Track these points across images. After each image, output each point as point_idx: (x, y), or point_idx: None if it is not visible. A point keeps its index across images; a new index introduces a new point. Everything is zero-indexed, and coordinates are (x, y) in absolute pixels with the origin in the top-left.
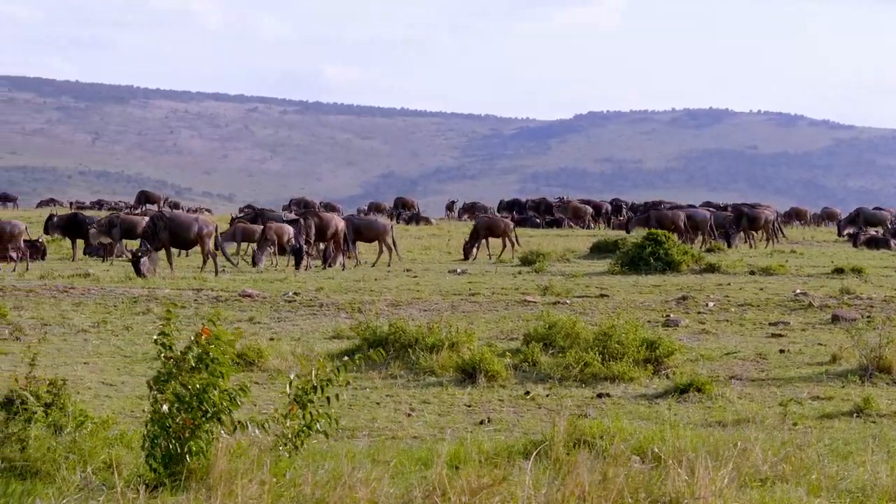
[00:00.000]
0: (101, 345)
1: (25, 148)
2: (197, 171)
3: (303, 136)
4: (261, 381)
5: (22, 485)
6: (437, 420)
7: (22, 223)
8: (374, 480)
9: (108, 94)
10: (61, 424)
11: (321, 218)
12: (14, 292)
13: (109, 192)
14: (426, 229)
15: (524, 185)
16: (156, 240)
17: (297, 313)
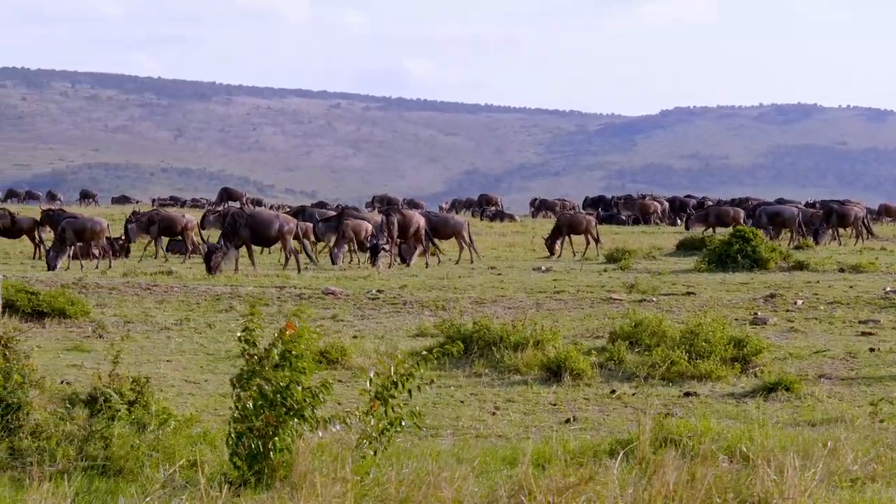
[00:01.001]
0: (183, 342)
1: (108, 145)
2: (279, 168)
3: (386, 132)
4: (344, 380)
5: (105, 483)
6: (522, 419)
7: (104, 221)
8: (458, 479)
9: (190, 91)
10: (144, 422)
11: (404, 215)
12: (97, 290)
13: (192, 190)
14: (510, 226)
15: (609, 181)
16: (235, 237)
17: (380, 311)
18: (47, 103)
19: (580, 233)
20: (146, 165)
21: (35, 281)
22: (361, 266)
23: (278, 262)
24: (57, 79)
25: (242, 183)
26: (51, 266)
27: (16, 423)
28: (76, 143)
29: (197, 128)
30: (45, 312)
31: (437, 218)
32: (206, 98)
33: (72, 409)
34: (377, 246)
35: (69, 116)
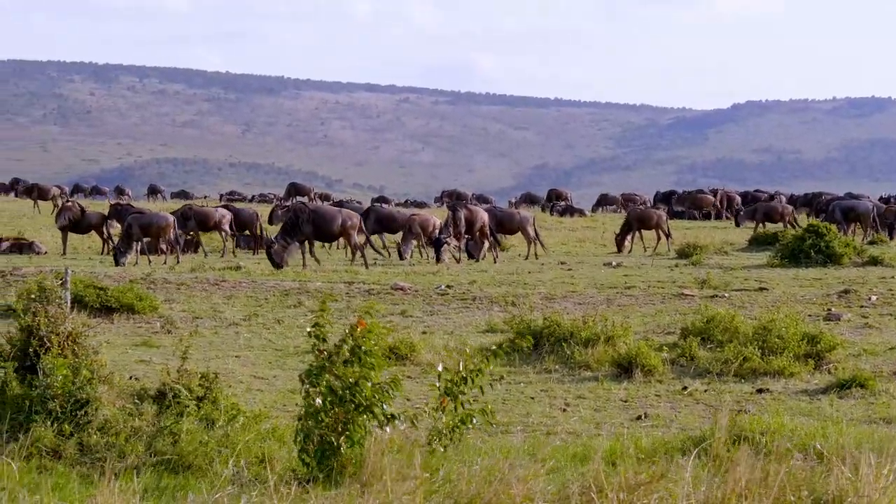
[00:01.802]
0: (252, 338)
1: (176, 140)
2: (347, 163)
3: (454, 126)
4: (413, 376)
5: (174, 479)
6: (593, 415)
7: (171, 216)
8: (529, 477)
9: (258, 86)
10: (213, 418)
11: (469, 210)
12: (165, 285)
13: (259, 185)
14: (580, 221)
15: (680, 176)
16: (297, 232)
17: (449, 307)
18: (115, 98)
19: (650, 228)
20: (214, 160)
21: (103, 276)
22: (430, 262)
23: (346, 257)
24: (125, 73)
25: (310, 178)
26: (117, 262)
27: (84, 418)
28: (144, 138)
29: (265, 122)
30: (114, 308)
31: (502, 213)
32: (275, 92)
33: (140, 404)
34: (440, 241)
35: (137, 111)
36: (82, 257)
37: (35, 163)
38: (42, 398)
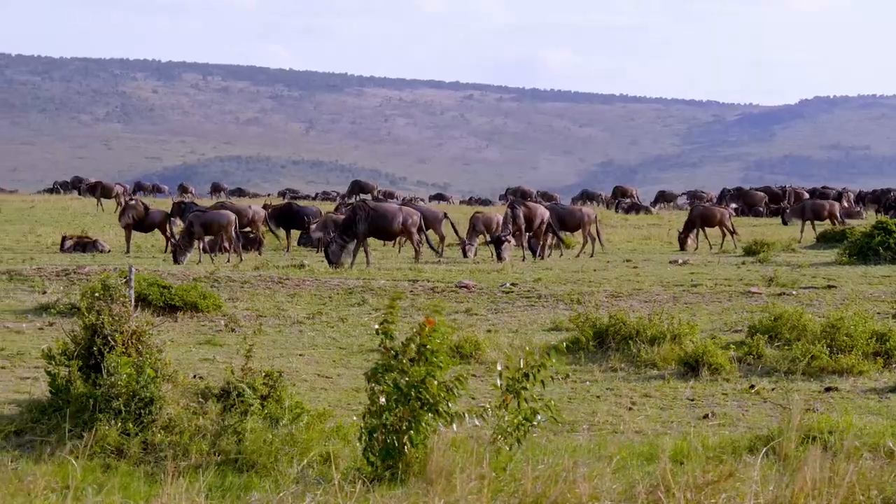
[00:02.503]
0: (316, 336)
1: (239, 137)
2: (411, 160)
3: (519, 123)
4: (478, 374)
5: (238, 478)
6: (660, 414)
7: (232, 214)
8: (595, 475)
9: (322, 82)
10: (277, 417)
11: (528, 207)
12: (229, 284)
13: (323, 182)
14: (646, 219)
15: (747, 173)
16: (353, 230)
17: (514, 305)
18: (179, 96)
19: (714, 225)
20: (277, 158)
21: (167, 274)
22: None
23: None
24: (188, 71)
25: (374, 175)
26: (177, 260)
27: (149, 417)
28: (207, 135)
29: (328, 120)
30: (178, 306)
31: (563, 210)
32: (338, 89)
33: (204, 403)
34: (500, 239)
35: (200, 109)
36: (146, 255)
37: (98, 161)
38: (106, 397)
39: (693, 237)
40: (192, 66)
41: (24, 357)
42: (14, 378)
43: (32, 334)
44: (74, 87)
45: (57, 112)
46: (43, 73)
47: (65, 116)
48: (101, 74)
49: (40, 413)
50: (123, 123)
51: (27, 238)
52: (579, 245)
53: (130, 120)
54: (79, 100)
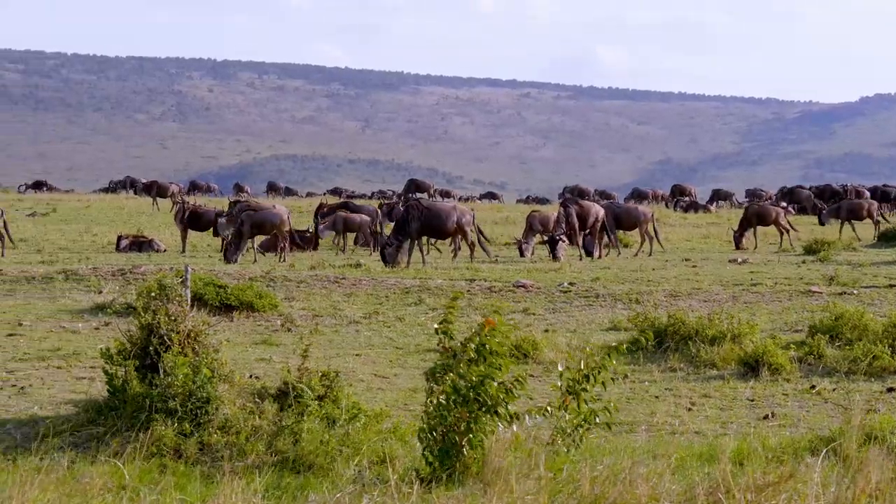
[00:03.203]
0: (372, 336)
1: (295, 136)
2: (468, 159)
3: (576, 122)
4: (536, 374)
5: (295, 478)
6: (719, 414)
7: (284, 213)
8: (654, 476)
9: (378, 81)
10: (334, 417)
11: (581, 206)
12: (285, 283)
13: (379, 181)
14: (705, 217)
15: (807, 171)
16: (408, 229)
17: (572, 304)
18: (234, 95)
19: (769, 224)
20: (333, 157)
21: (223, 274)
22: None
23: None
24: (244, 70)
25: (430, 174)
26: (229, 259)
27: (205, 417)
28: (263, 134)
29: (384, 118)
30: (234, 306)
31: (619, 208)
32: (394, 88)
33: (261, 403)
34: (554, 238)
35: (256, 107)
36: (201, 255)
37: (154, 160)
38: (163, 397)
39: (749, 236)
40: (248, 64)
41: (80, 357)
42: (70, 378)
43: (88, 334)
44: (130, 87)
45: (112, 111)
46: (98, 72)
47: (120, 115)
48: (156, 73)
49: (97, 413)
50: (179, 122)
51: (83, 238)
52: (637, 244)
53: (186, 119)
54: (134, 99)
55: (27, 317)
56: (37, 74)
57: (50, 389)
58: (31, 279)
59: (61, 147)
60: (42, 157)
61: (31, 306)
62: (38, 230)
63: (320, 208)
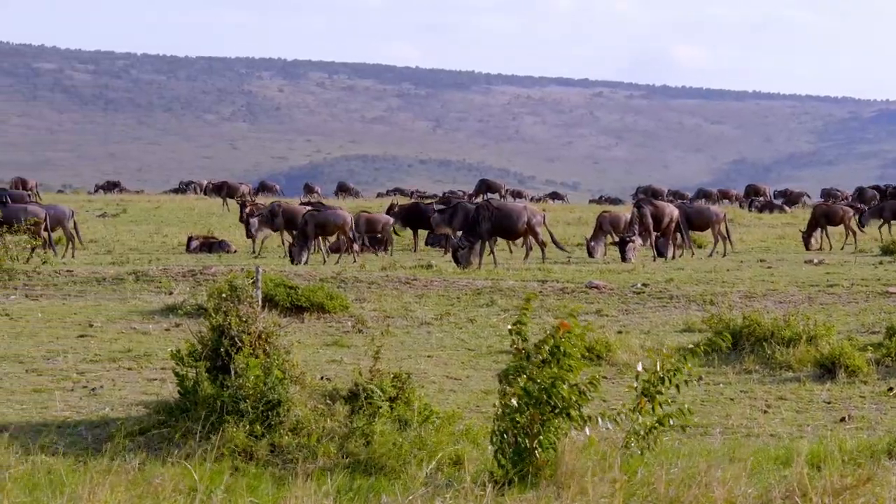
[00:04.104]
0: (444, 338)
1: (365, 136)
2: (540, 159)
3: (649, 121)
4: (609, 376)
5: (367, 481)
6: (795, 417)
7: (347, 213)
8: (730, 479)
9: (449, 80)
10: (406, 419)
11: (656, 206)
12: (356, 284)
13: (450, 181)
14: (780, 217)
15: (885, 170)
16: (478, 231)
17: (645, 305)
18: (304, 94)
19: (836, 224)
20: (404, 157)
21: (293, 275)
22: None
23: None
24: (314, 69)
25: (502, 174)
26: (294, 260)
27: (276, 419)
28: (333, 134)
29: (456, 118)
30: (304, 307)
31: (691, 209)
32: (465, 87)
33: (332, 405)
34: (624, 239)
35: (326, 107)
36: (272, 256)
37: (224, 160)
38: (234, 398)
39: (818, 236)
40: (318, 64)
41: (150, 358)
42: (141, 379)
43: (159, 335)
44: (200, 87)
45: (182, 111)
46: (168, 72)
47: (190, 116)
48: (226, 73)
49: (167, 415)
50: (249, 123)
51: (153, 238)
52: (711, 245)
53: (256, 119)
54: (204, 99)
55: (98, 318)
56: (107, 75)
57: (121, 391)
58: (101, 280)
59: (131, 147)
60: (112, 158)
61: (101, 307)
62: (108, 231)
63: (391, 209)
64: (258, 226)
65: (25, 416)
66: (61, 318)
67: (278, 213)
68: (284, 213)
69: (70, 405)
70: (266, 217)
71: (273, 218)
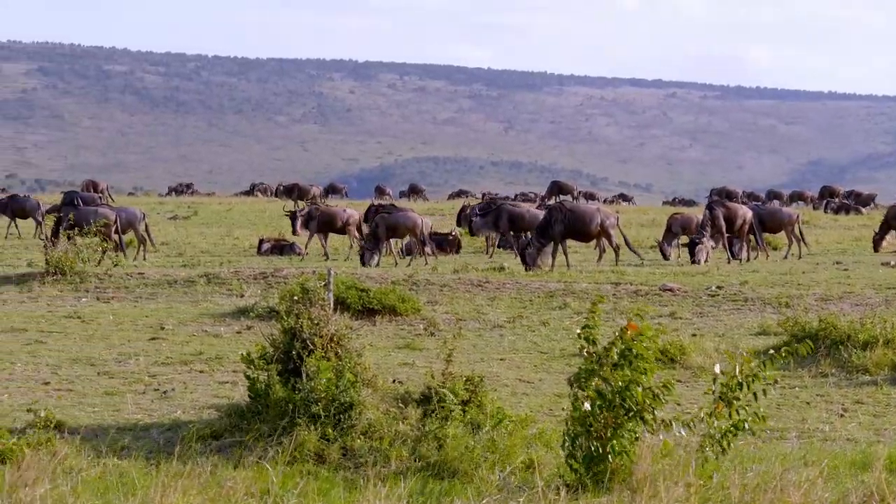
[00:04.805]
0: (517, 340)
1: (436, 138)
2: (612, 160)
3: (723, 122)
4: (683, 379)
5: (439, 484)
6: (872, 421)
7: (417, 216)
8: (806, 484)
9: (520, 82)
10: (479, 423)
11: (728, 208)
12: (428, 287)
13: (522, 183)
14: (856, 219)
15: None
16: (550, 233)
17: (720, 308)
18: (375, 96)
19: None
20: (475, 158)
21: (365, 278)
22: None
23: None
24: (385, 71)
25: (574, 176)
26: (364, 262)
27: (348, 422)
28: (404, 136)
29: (528, 119)
30: (376, 310)
31: (764, 210)
32: (537, 88)
33: (404, 408)
34: (694, 241)
35: (397, 109)
36: (342, 258)
37: (295, 162)
38: (305, 401)
39: (889, 239)
40: (389, 65)
41: (222, 361)
42: (213, 382)
43: (230, 338)
44: (271, 88)
45: (253, 113)
46: (239, 74)
47: (261, 118)
48: (297, 75)
49: (239, 418)
50: (320, 124)
51: (224, 241)
52: (786, 247)
53: (327, 121)
54: (275, 101)
55: (169, 320)
56: (177, 77)
57: (192, 394)
58: (173, 282)
59: (202, 150)
60: (183, 160)
61: (173, 310)
62: (179, 233)
63: (462, 210)
64: (299, 228)
65: (97, 419)
66: (133, 320)
67: (315, 216)
68: (322, 215)
69: (142, 408)
70: (304, 219)
71: (309, 220)
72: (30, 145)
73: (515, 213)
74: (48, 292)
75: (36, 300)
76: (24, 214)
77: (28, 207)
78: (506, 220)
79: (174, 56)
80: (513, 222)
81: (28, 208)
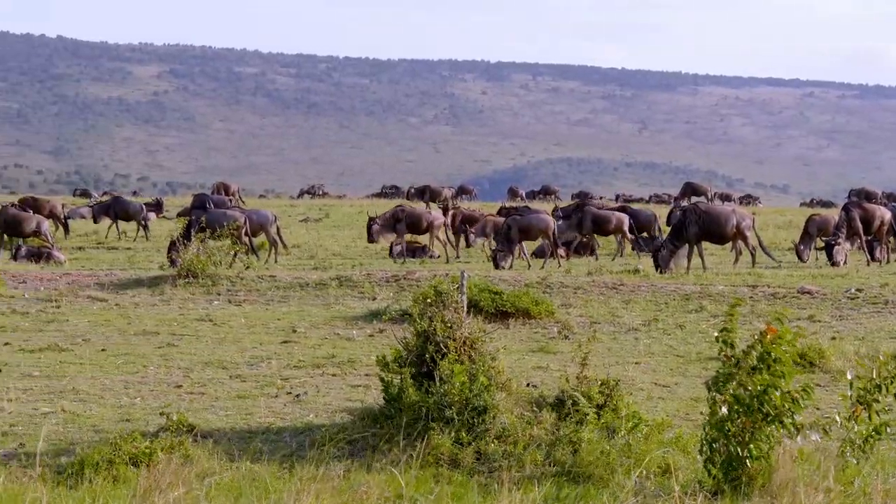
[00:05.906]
0: (652, 344)
1: (569, 139)
2: (748, 161)
3: (862, 121)
4: (822, 383)
5: (574, 489)
6: None
7: (550, 218)
8: None
9: (654, 82)
10: (614, 427)
11: (864, 209)
12: (562, 289)
13: (656, 185)
14: None
15: None
16: (684, 235)
17: (860, 311)
18: (508, 97)
19: None
20: (609, 159)
21: (498, 280)
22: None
23: (745, 261)
24: (517, 71)
25: (709, 177)
26: (496, 264)
27: (482, 426)
28: (537, 137)
29: (662, 120)
30: (510, 312)
31: None
32: (671, 88)
33: (539, 412)
34: (829, 243)
35: (530, 110)
36: (475, 260)
37: (427, 163)
38: (439, 405)
39: None
40: (522, 66)
41: (354, 364)
42: (345, 386)
43: (363, 341)
44: (402, 90)
45: (385, 115)
46: (371, 75)
47: (392, 119)
48: (429, 76)
49: (372, 421)
50: (452, 126)
51: (356, 243)
52: None
53: (459, 122)
54: (407, 102)
55: (301, 323)
56: (309, 79)
57: (325, 397)
58: (304, 285)
59: (333, 152)
60: (315, 162)
61: (304, 313)
62: (310, 236)
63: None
64: (380, 230)
65: (230, 423)
66: (265, 323)
67: (402, 219)
68: (408, 217)
69: (274, 411)
70: (388, 221)
71: (396, 223)
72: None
73: (601, 216)
74: (180, 295)
75: (168, 303)
76: (128, 217)
77: (132, 210)
78: (590, 223)
79: (305, 57)
80: (597, 224)
81: (131, 211)
